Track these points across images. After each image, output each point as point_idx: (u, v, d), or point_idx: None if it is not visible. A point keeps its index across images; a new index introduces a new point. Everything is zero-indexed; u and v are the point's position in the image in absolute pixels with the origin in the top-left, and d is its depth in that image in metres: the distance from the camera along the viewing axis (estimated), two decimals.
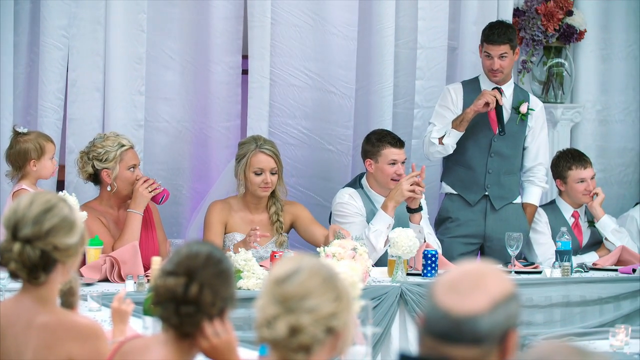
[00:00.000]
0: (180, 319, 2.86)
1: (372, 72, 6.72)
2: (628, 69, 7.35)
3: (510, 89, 6.43)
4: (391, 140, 6.07)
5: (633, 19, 7.33)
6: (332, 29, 6.62)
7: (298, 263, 2.61)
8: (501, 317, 2.31)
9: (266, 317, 2.58)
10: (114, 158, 5.64)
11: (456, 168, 6.39)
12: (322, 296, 2.57)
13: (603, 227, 6.44)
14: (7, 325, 3.10)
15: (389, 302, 5.39)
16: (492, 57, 6.30)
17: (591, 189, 6.42)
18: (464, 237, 6.38)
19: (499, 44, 6.28)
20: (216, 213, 5.86)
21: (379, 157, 6.04)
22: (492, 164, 6.40)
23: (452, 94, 6.37)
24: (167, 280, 2.86)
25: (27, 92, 6.20)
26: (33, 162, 5.48)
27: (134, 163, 5.69)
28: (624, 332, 4.80)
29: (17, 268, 3.07)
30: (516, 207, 6.47)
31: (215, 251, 2.93)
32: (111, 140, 5.67)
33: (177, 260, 2.89)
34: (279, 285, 2.58)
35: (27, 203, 3.10)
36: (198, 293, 2.84)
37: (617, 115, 7.37)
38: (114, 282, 5.26)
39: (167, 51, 6.40)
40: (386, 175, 6.04)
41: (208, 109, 6.49)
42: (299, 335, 2.55)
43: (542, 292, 5.72)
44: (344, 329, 2.61)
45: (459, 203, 6.43)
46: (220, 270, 2.89)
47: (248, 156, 5.87)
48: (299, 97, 6.64)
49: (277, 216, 5.93)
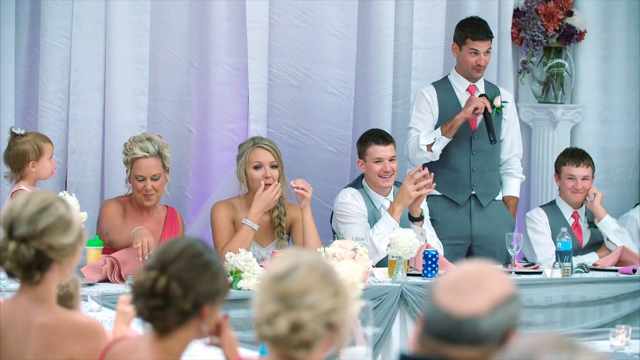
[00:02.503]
0: (150, 312, 2.83)
1: (372, 73, 6.72)
2: (628, 69, 7.35)
3: (481, 85, 6.47)
4: (375, 137, 6.09)
5: (633, 19, 7.33)
6: (331, 29, 6.62)
7: (296, 259, 2.61)
8: (501, 317, 2.31)
9: (266, 314, 2.57)
10: (127, 163, 5.70)
11: (440, 170, 6.36)
12: (321, 292, 2.57)
13: (605, 227, 6.43)
14: (6, 326, 3.10)
15: (390, 302, 5.39)
16: (478, 54, 6.32)
17: (579, 187, 6.41)
18: (451, 239, 6.37)
19: (485, 40, 6.32)
20: (223, 213, 5.84)
21: (366, 156, 6.07)
22: (476, 161, 6.41)
23: (427, 97, 6.37)
24: (140, 275, 2.86)
25: (26, 92, 6.20)
26: (32, 164, 5.47)
27: (140, 174, 5.67)
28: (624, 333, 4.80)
29: (12, 267, 3.07)
30: (499, 203, 6.49)
31: (195, 245, 2.88)
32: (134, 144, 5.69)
33: (155, 255, 2.89)
34: (278, 282, 2.57)
35: (23, 202, 3.10)
36: (165, 286, 2.81)
37: (617, 116, 7.37)
38: (114, 283, 5.26)
39: (171, 52, 6.40)
40: (373, 173, 6.05)
41: (212, 111, 6.48)
42: (300, 332, 2.55)
43: (542, 293, 5.72)
44: (342, 324, 2.61)
45: (443, 205, 6.42)
46: (196, 264, 2.84)
47: (246, 153, 5.87)
48: (298, 97, 6.64)
49: (279, 220, 5.92)
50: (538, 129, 7.18)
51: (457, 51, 6.41)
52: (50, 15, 6.09)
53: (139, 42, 6.23)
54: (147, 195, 5.66)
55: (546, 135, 7.15)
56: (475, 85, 6.42)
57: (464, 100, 6.38)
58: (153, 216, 5.78)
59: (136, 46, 6.23)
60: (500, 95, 6.44)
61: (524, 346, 2.08)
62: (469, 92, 6.40)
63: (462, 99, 6.39)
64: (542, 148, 7.16)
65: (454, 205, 6.41)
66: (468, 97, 6.38)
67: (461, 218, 6.41)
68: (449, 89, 6.41)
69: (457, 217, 6.40)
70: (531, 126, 7.21)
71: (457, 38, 6.40)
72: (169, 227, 5.79)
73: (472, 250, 6.44)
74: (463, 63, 6.38)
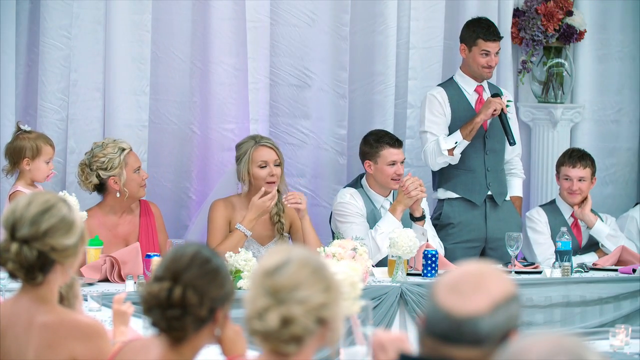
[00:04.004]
0: (168, 323, 2.82)
1: (374, 73, 6.72)
2: (625, 69, 7.36)
3: (485, 85, 6.46)
4: (389, 140, 6.07)
5: (629, 19, 7.34)
6: (330, 29, 6.62)
7: (287, 254, 2.61)
8: (502, 318, 2.32)
9: (257, 309, 2.57)
10: (119, 164, 5.61)
11: (456, 172, 6.36)
12: (312, 287, 2.57)
13: (597, 234, 6.43)
14: (7, 325, 3.10)
15: (389, 302, 5.39)
16: (489, 54, 6.31)
17: (574, 188, 6.40)
18: (466, 242, 6.36)
19: (496, 40, 6.31)
20: (220, 211, 5.83)
21: (378, 159, 6.04)
22: (489, 161, 6.41)
23: (439, 99, 6.34)
24: (152, 287, 2.84)
25: (25, 92, 6.20)
26: (26, 161, 5.46)
27: (138, 165, 5.68)
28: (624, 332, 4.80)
29: (14, 268, 3.07)
30: (509, 204, 6.50)
31: (202, 251, 2.88)
32: (110, 146, 5.63)
33: (163, 265, 2.87)
34: (269, 277, 2.57)
35: (25, 203, 3.09)
36: (182, 296, 2.80)
37: (614, 115, 7.38)
38: (114, 282, 5.26)
39: (173, 52, 6.39)
40: (386, 176, 6.03)
41: (214, 111, 6.48)
42: (290, 326, 2.55)
43: (542, 292, 5.72)
44: (333, 320, 2.61)
45: (460, 207, 6.40)
46: (207, 270, 2.84)
47: (249, 152, 5.84)
48: (298, 97, 6.64)
49: (279, 217, 5.92)
50: (538, 129, 7.18)
51: (466, 52, 6.38)
52: (49, 15, 6.09)
53: (140, 42, 6.23)
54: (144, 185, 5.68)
55: (546, 135, 7.15)
56: (482, 86, 6.41)
57: (473, 100, 6.36)
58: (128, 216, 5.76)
59: (137, 46, 6.23)
60: (503, 95, 6.44)
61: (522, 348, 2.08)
62: (477, 93, 6.38)
63: (471, 99, 6.36)
64: (542, 148, 7.15)
65: (471, 207, 6.39)
66: (476, 97, 6.36)
67: (477, 220, 6.39)
68: (458, 90, 6.39)
69: (474, 220, 6.38)
70: (531, 126, 7.21)
71: (467, 39, 6.37)
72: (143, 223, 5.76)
73: (485, 252, 6.42)
74: (473, 64, 6.36)
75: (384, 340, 2.80)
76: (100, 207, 5.70)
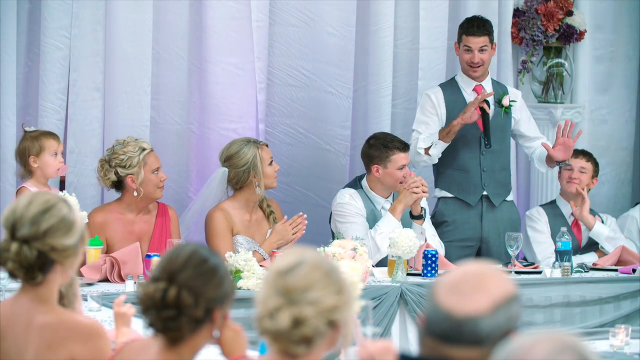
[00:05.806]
0: (163, 324, 2.82)
1: (371, 72, 6.72)
2: (623, 68, 7.37)
3: (489, 84, 6.44)
4: (399, 145, 6.07)
5: (629, 19, 7.34)
6: (329, 29, 6.62)
7: (300, 256, 2.62)
8: (502, 318, 2.32)
9: (268, 308, 2.58)
10: (138, 163, 5.61)
11: (450, 172, 6.37)
12: (324, 289, 2.58)
13: (596, 236, 6.43)
14: (6, 325, 3.10)
15: (389, 302, 5.39)
16: (472, 51, 6.30)
17: (574, 177, 6.42)
18: (461, 241, 6.36)
19: (478, 36, 6.28)
20: (221, 222, 5.80)
21: (388, 163, 6.03)
22: (485, 162, 6.39)
23: (433, 99, 6.34)
24: (148, 287, 2.84)
25: (25, 92, 6.19)
26: (33, 159, 5.46)
27: (157, 166, 5.68)
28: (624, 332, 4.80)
29: (14, 268, 3.07)
30: (509, 205, 6.48)
31: (199, 251, 2.87)
32: (131, 145, 5.63)
33: (160, 265, 2.87)
34: (282, 277, 2.58)
35: (25, 203, 3.09)
36: (177, 296, 2.80)
37: (611, 115, 7.39)
38: (114, 282, 5.26)
39: (174, 52, 6.39)
40: (395, 179, 6.03)
41: (216, 111, 6.47)
42: (301, 327, 2.55)
43: (542, 292, 5.72)
44: (344, 323, 2.61)
45: (455, 206, 6.40)
46: (203, 271, 2.84)
47: (258, 154, 5.84)
48: (296, 97, 6.64)
49: (269, 208, 5.95)
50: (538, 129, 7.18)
51: (457, 50, 6.41)
52: (49, 15, 6.08)
53: (141, 42, 6.22)
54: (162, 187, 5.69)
55: (546, 134, 7.13)
56: (481, 85, 6.39)
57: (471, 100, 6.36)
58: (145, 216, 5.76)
59: (138, 46, 6.22)
60: (508, 94, 6.43)
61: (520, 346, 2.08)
62: (476, 92, 6.36)
63: (469, 99, 6.34)
64: None
65: (466, 207, 6.39)
66: (475, 97, 6.36)
67: (472, 220, 6.38)
68: (456, 89, 6.39)
69: (469, 219, 6.38)
70: None
71: (457, 36, 6.40)
72: (159, 223, 5.77)
73: (481, 252, 6.42)
74: (461, 62, 6.39)
75: (372, 351, 2.81)
76: (119, 203, 5.72)
